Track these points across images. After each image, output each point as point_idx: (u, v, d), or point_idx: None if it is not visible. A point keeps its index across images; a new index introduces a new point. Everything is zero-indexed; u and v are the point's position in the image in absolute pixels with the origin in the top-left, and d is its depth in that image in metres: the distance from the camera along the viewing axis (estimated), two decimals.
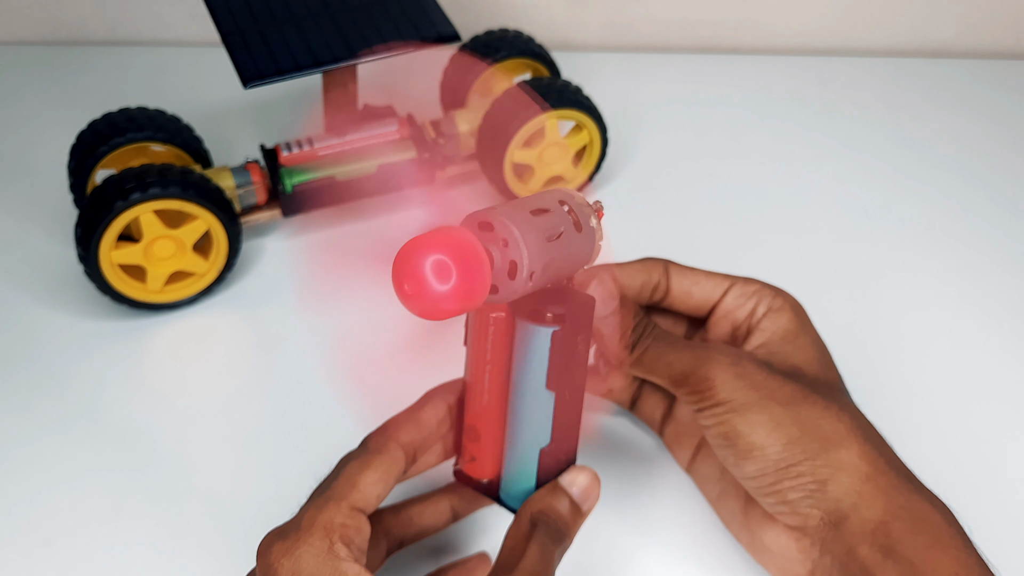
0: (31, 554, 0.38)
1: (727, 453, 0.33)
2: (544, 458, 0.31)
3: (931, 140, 0.62)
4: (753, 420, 0.32)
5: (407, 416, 0.32)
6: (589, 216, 0.31)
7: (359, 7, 0.50)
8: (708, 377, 0.33)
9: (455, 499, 0.36)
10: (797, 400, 0.33)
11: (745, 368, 0.34)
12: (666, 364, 0.35)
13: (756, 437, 0.32)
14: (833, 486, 0.32)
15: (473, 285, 0.25)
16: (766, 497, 0.33)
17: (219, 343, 0.48)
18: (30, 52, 0.69)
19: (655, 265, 0.38)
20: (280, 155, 0.51)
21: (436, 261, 0.25)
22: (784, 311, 0.36)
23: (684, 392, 0.34)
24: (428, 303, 0.25)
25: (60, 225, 0.53)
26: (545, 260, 0.28)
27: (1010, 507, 0.40)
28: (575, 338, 0.30)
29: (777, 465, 0.32)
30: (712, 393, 0.33)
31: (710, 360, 0.34)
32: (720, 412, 0.33)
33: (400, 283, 0.25)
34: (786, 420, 0.32)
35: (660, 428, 0.41)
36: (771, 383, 0.33)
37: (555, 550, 0.30)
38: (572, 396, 0.31)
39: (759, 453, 0.32)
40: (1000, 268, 0.52)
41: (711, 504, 0.39)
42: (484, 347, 0.31)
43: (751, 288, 0.37)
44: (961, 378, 0.46)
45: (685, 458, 0.40)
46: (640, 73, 0.68)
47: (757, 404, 0.33)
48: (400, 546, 0.36)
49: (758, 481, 0.33)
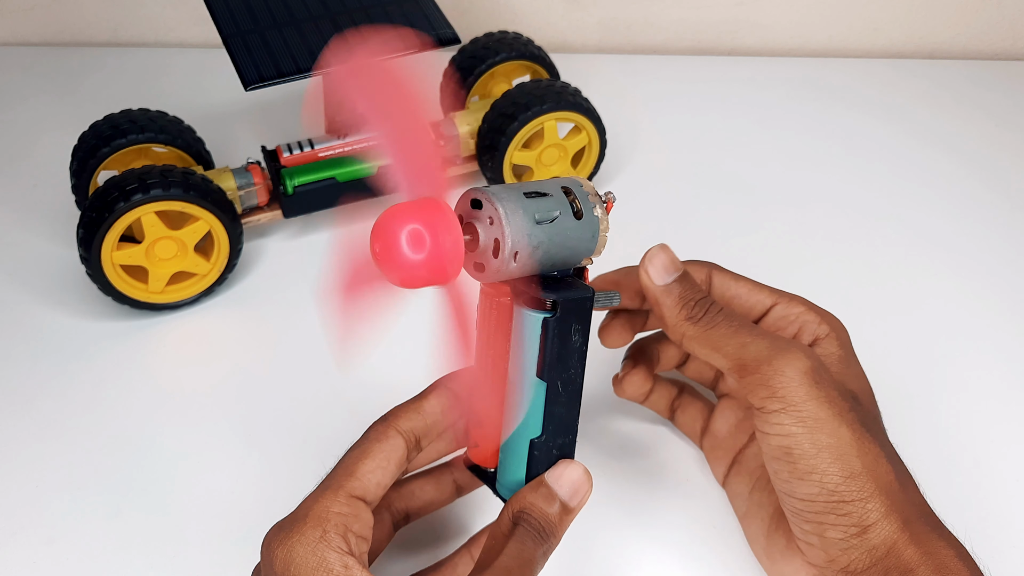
0: (33, 553, 0.38)
1: (781, 467, 0.31)
2: (535, 450, 0.31)
3: (929, 141, 0.62)
4: (821, 442, 0.30)
5: (410, 404, 0.32)
6: (594, 206, 0.31)
7: (359, 10, 0.50)
8: (783, 372, 0.30)
9: (459, 474, 0.36)
10: (862, 430, 0.31)
11: (823, 377, 0.31)
12: (738, 344, 0.32)
13: (819, 461, 0.30)
14: (873, 533, 0.30)
15: (444, 257, 0.26)
16: (805, 523, 0.31)
17: (220, 343, 0.48)
18: (33, 53, 0.69)
19: (699, 268, 0.36)
20: (281, 156, 0.51)
21: (412, 230, 0.25)
22: (831, 340, 0.34)
23: (751, 382, 0.31)
24: (399, 270, 0.26)
25: (62, 226, 0.53)
26: (533, 242, 0.28)
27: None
28: (568, 328, 0.30)
29: (831, 497, 0.30)
30: (783, 392, 0.30)
31: (789, 353, 0.31)
32: (787, 423, 0.30)
33: (374, 246, 0.26)
34: (852, 451, 0.30)
35: (701, 440, 0.40)
36: (843, 403, 0.31)
37: (536, 549, 0.29)
38: (566, 389, 0.31)
39: (817, 478, 0.30)
40: (997, 268, 0.52)
41: (739, 520, 0.38)
42: (489, 331, 0.31)
43: (795, 311, 0.35)
44: (953, 379, 0.46)
45: (721, 473, 0.39)
46: (638, 75, 0.68)
47: (829, 423, 0.30)
48: (406, 520, 0.36)
49: (805, 504, 0.31)
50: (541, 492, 0.31)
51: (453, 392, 0.33)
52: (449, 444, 0.35)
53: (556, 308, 0.30)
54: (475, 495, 0.38)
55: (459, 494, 0.37)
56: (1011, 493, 0.41)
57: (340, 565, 0.28)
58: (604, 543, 0.39)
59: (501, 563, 0.28)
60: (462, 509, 0.40)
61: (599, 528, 0.39)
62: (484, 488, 0.35)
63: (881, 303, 0.50)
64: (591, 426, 0.43)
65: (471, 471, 0.34)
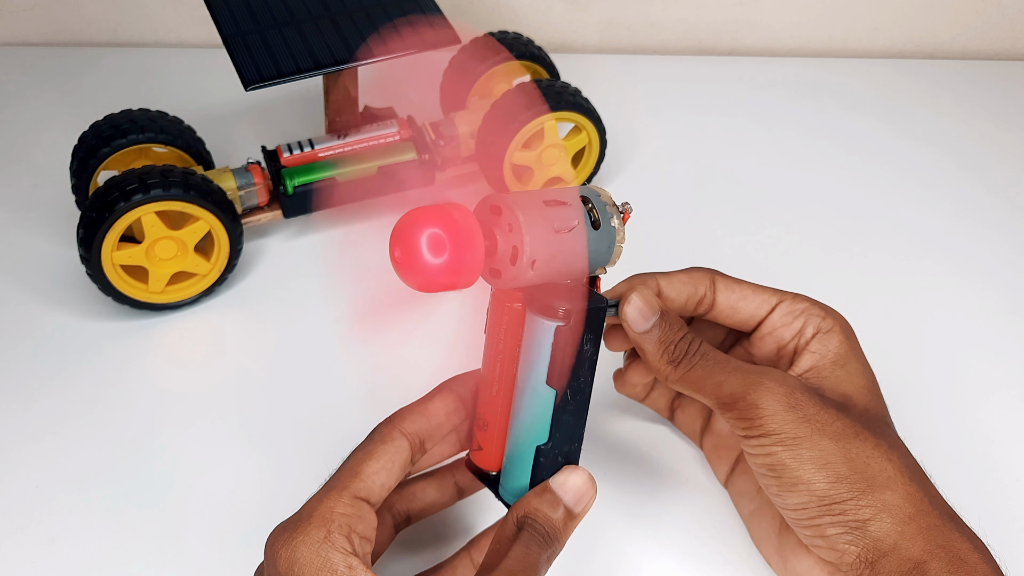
0: (33, 553, 0.38)
1: (770, 482, 0.32)
2: (540, 456, 0.31)
3: (929, 141, 0.62)
4: (802, 455, 0.31)
5: (415, 406, 0.33)
6: (611, 216, 0.31)
7: (359, 10, 0.50)
8: (758, 405, 0.32)
9: (460, 476, 0.36)
10: (848, 436, 0.32)
11: (798, 399, 0.32)
12: (715, 384, 0.33)
13: (803, 472, 0.31)
14: (875, 526, 0.31)
15: (464, 263, 0.26)
16: (804, 529, 0.32)
17: (220, 343, 0.48)
18: (33, 53, 0.69)
19: (702, 277, 0.37)
20: (281, 156, 0.51)
21: (432, 235, 0.25)
22: (834, 333, 0.35)
23: (731, 417, 0.33)
24: (419, 273, 0.26)
25: (62, 226, 0.53)
26: (550, 251, 0.28)
27: None
28: (580, 337, 0.30)
29: (821, 501, 0.31)
30: (761, 423, 0.32)
31: (761, 387, 0.32)
32: (768, 444, 0.32)
33: (393, 250, 0.26)
34: (836, 457, 0.31)
35: (700, 440, 0.41)
36: (823, 416, 0.32)
37: (540, 554, 0.30)
38: (575, 397, 0.31)
39: (804, 488, 0.31)
40: (997, 268, 0.52)
41: (744, 520, 0.38)
42: (499, 336, 0.31)
43: (799, 306, 0.36)
44: (953, 380, 0.46)
45: (723, 472, 0.39)
46: (639, 75, 0.68)
47: (808, 439, 0.31)
48: (407, 522, 0.36)
49: (799, 513, 0.32)
50: (546, 498, 0.31)
51: (458, 395, 0.33)
52: (452, 446, 0.35)
53: (569, 317, 0.30)
54: (476, 497, 0.38)
55: (460, 496, 0.37)
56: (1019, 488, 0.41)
57: (344, 566, 0.28)
58: (605, 543, 0.39)
59: (505, 567, 0.29)
60: (463, 511, 0.40)
61: (599, 528, 0.39)
62: (485, 490, 0.35)
63: (881, 303, 0.50)
64: (591, 425, 0.43)
65: (474, 474, 0.34)
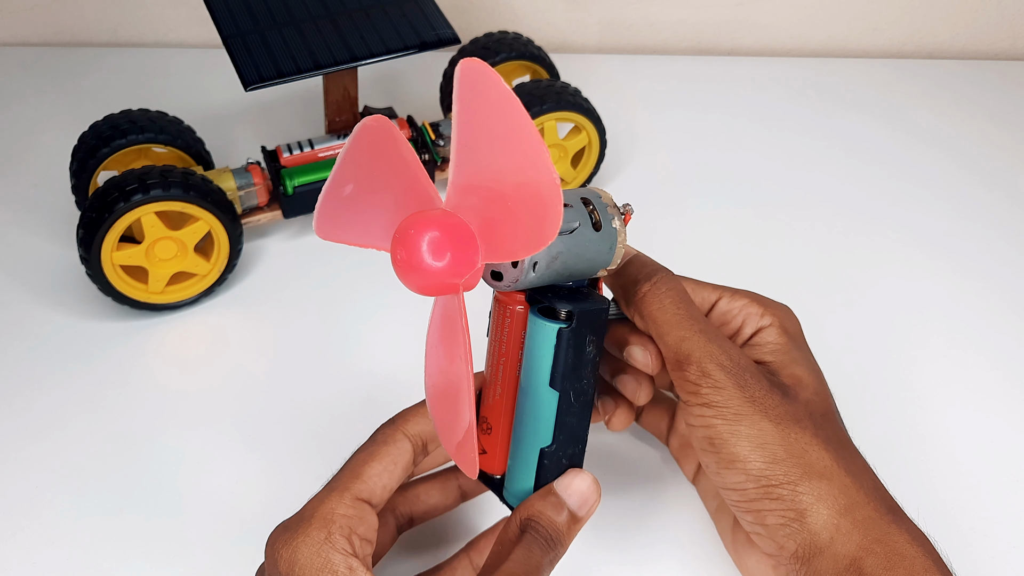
0: (33, 553, 0.38)
1: (710, 460, 0.32)
2: (544, 459, 0.31)
3: (928, 141, 0.62)
4: (740, 432, 0.31)
5: (418, 408, 0.33)
6: (612, 218, 0.31)
7: (359, 10, 0.50)
8: (708, 374, 0.32)
9: (464, 479, 0.36)
10: (788, 422, 0.32)
11: (747, 380, 0.32)
12: (678, 338, 0.32)
13: (740, 449, 0.31)
14: (812, 518, 0.30)
15: (465, 265, 0.26)
16: (746, 514, 0.32)
17: (220, 343, 0.48)
18: (33, 53, 0.69)
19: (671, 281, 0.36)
20: (281, 156, 0.51)
21: (433, 237, 0.26)
22: (772, 328, 0.35)
23: (680, 378, 0.32)
24: (420, 276, 0.26)
25: (62, 226, 0.53)
26: (552, 253, 0.29)
27: (1000, 512, 0.41)
28: (583, 339, 0.30)
29: (758, 482, 0.31)
30: (707, 392, 0.32)
31: (715, 359, 0.32)
32: (709, 415, 0.32)
33: (395, 252, 0.26)
34: (773, 440, 0.31)
35: (666, 439, 0.41)
36: (768, 400, 0.32)
37: (543, 557, 0.29)
38: (578, 399, 0.31)
39: (741, 465, 0.31)
40: (997, 268, 0.52)
41: (711, 517, 0.38)
42: (502, 339, 0.31)
43: (738, 304, 0.36)
44: (953, 380, 0.46)
45: (690, 471, 0.40)
46: (638, 75, 0.68)
47: (749, 418, 0.31)
48: (410, 524, 0.36)
49: (738, 495, 0.32)
50: (550, 501, 0.31)
51: None
52: None
53: (572, 319, 0.30)
54: (478, 499, 0.38)
55: (463, 499, 0.37)
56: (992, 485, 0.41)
57: (344, 567, 0.28)
58: (606, 543, 0.39)
59: (508, 568, 0.29)
60: (464, 512, 0.40)
61: (600, 528, 0.39)
62: (487, 492, 0.34)
63: (881, 302, 0.50)
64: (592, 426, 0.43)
65: (477, 477, 0.34)
